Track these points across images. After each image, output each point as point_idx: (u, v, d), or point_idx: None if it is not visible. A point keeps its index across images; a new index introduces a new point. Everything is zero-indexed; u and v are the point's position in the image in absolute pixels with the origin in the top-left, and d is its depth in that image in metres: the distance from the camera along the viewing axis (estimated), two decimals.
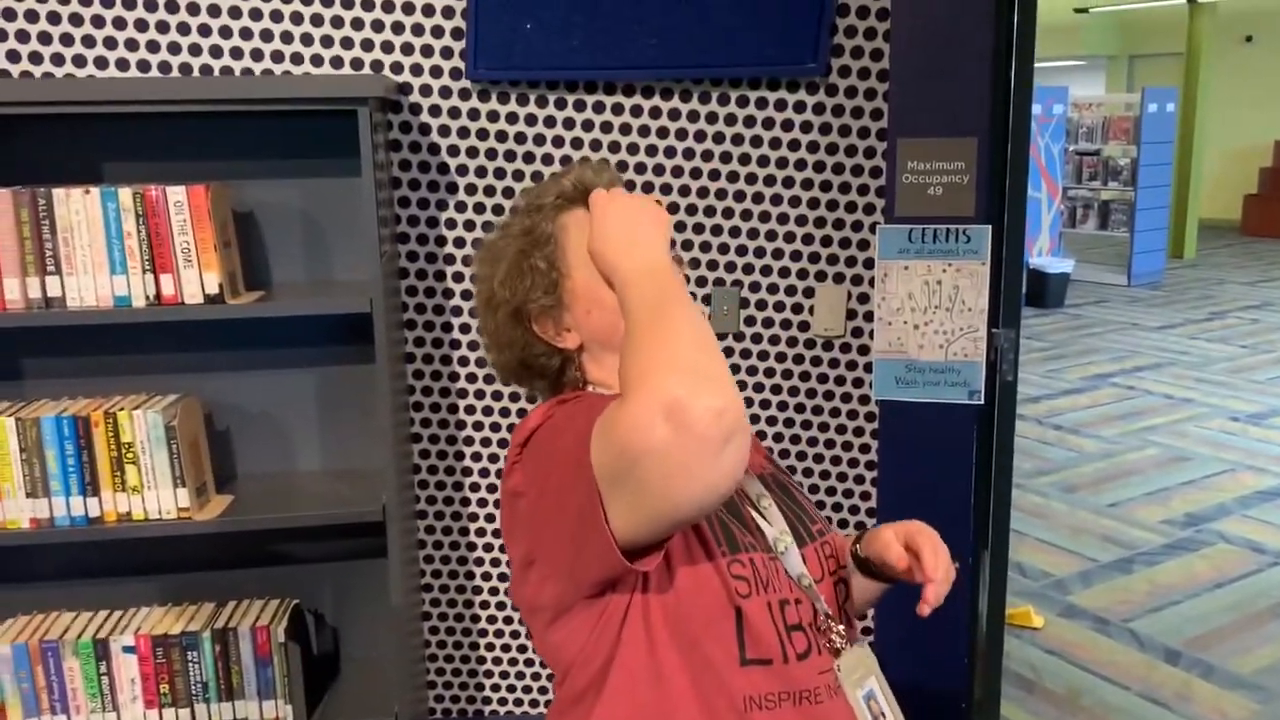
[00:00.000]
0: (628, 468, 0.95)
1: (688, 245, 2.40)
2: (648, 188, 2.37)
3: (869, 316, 2.38)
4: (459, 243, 2.40)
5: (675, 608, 1.14)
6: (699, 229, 2.40)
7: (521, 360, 1.35)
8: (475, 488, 2.55)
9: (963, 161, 2.08)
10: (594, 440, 1.01)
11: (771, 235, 2.40)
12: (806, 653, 1.20)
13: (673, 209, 2.39)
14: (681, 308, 1.04)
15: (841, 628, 1.25)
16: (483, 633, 2.64)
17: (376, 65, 2.30)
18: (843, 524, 2.52)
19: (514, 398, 2.48)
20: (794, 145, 2.34)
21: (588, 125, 2.34)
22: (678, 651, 1.14)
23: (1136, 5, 13.73)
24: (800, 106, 2.31)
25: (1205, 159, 12.12)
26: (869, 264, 2.36)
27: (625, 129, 2.34)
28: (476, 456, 2.53)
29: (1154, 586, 3.72)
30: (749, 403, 2.48)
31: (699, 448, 0.91)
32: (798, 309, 2.43)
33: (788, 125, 2.33)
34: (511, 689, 2.68)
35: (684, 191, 2.38)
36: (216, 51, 2.27)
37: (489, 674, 2.68)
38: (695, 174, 2.37)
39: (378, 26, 2.28)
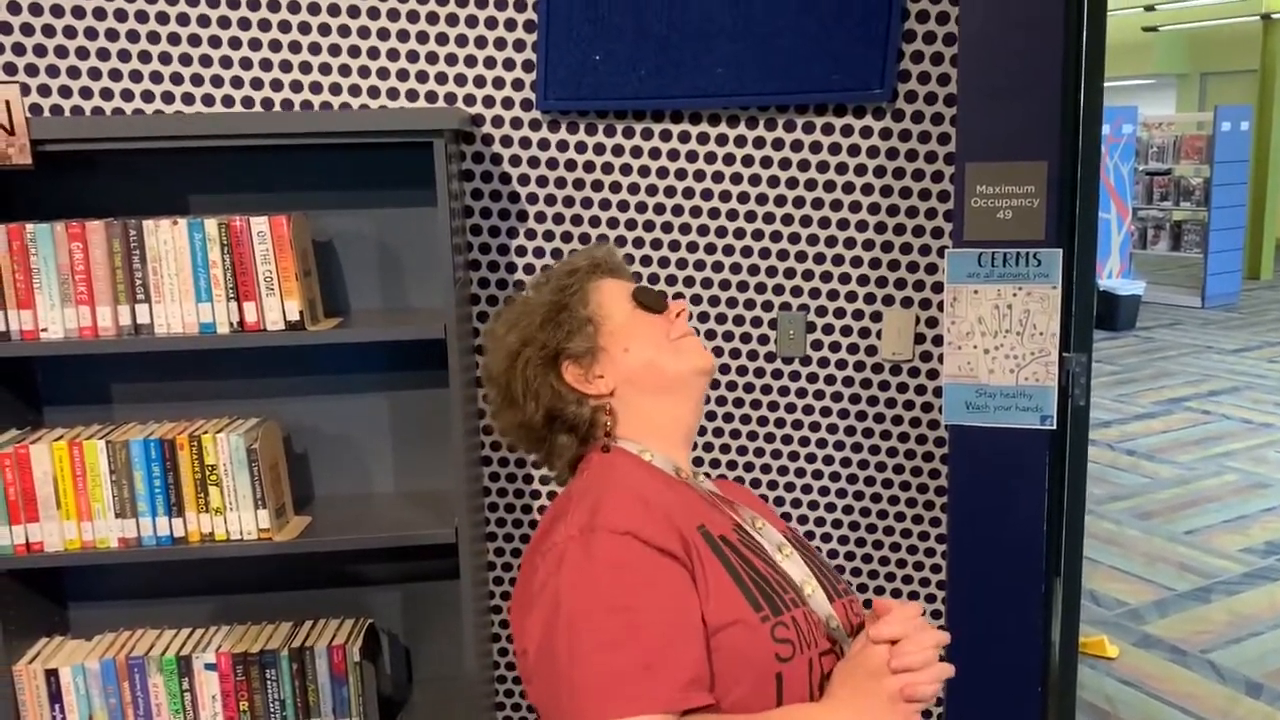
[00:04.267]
0: None
1: (754, 270, 2.42)
2: (714, 214, 2.40)
3: (937, 341, 2.37)
4: (529, 270, 2.44)
5: (719, 680, 1.13)
6: (765, 254, 2.42)
7: (549, 411, 1.36)
8: (543, 510, 2.58)
9: (1033, 185, 2.07)
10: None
11: (839, 260, 2.41)
12: None
13: (739, 234, 2.41)
14: None
15: None
16: None
17: (450, 97, 2.36)
18: (912, 550, 2.50)
19: None
20: (861, 170, 2.35)
21: (655, 153, 2.38)
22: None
23: (1208, 23, 13.48)
24: (867, 132, 2.33)
25: None
26: (937, 288, 2.36)
27: (692, 156, 2.37)
28: (545, 480, 2.56)
29: (1234, 616, 3.62)
30: (815, 428, 2.48)
31: None
32: (865, 333, 2.43)
33: (855, 150, 2.34)
34: None
35: (750, 217, 2.40)
36: (297, 87, 2.35)
37: None
38: (762, 200, 2.39)
39: (451, 60, 2.34)
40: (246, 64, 2.34)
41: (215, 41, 2.33)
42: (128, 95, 2.35)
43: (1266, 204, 11.42)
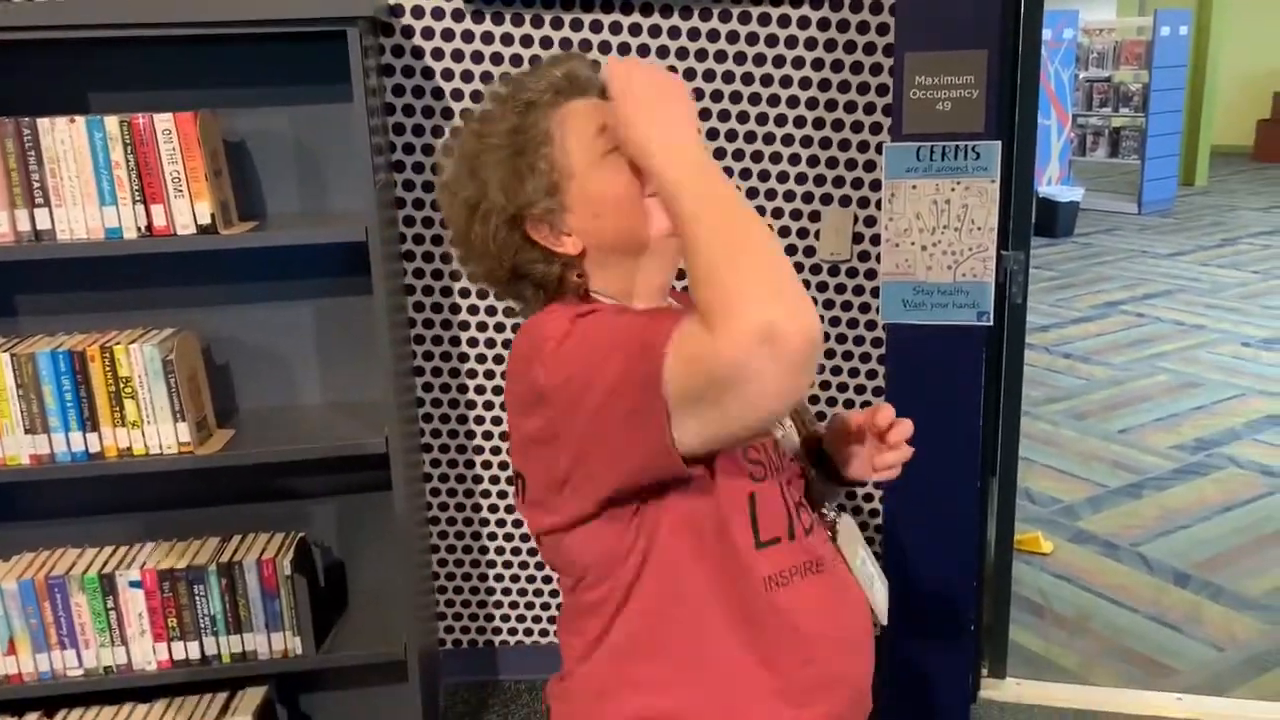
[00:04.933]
0: (716, 394, 0.93)
1: None
2: None
3: (876, 240, 2.33)
4: None
5: (696, 500, 1.12)
6: None
7: (515, 269, 1.25)
8: (480, 420, 2.53)
9: (972, 75, 2.01)
10: (673, 364, 0.97)
11: (776, 157, 2.34)
12: (811, 527, 1.22)
13: None
14: (747, 214, 0.99)
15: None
16: (491, 564, 2.64)
17: None
18: None
19: (516, 329, 2.45)
20: (799, 63, 2.27)
21: (585, 45, 2.27)
22: (697, 548, 1.13)
23: None
24: (805, 22, 2.24)
25: (1218, 84, 11.88)
26: (875, 186, 2.31)
27: (624, 49, 2.28)
28: (480, 389, 2.50)
29: (1164, 511, 3.71)
30: None
31: (791, 371, 0.90)
32: (803, 233, 2.38)
33: (792, 42, 2.26)
34: (521, 619, 2.69)
35: None
36: None
37: (498, 605, 2.68)
38: (697, 95, 2.30)
39: None
40: None
41: None
42: None
43: (1203, 110, 11.49)
